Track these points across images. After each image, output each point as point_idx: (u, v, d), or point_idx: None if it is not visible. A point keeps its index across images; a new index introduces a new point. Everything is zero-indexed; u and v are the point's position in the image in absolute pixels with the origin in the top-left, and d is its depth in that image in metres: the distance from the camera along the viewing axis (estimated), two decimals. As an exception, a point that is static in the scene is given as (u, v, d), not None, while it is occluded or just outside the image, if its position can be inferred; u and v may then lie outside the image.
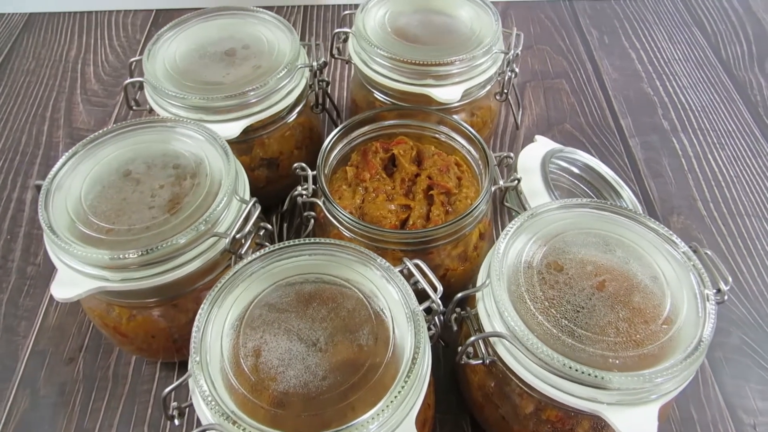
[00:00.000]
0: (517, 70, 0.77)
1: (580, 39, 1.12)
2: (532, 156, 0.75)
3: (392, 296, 0.51)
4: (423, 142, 0.74)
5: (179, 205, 0.57)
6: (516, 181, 0.66)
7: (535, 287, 0.51)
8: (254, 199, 0.59)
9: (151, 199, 0.57)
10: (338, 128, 0.69)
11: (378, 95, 0.78)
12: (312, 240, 0.54)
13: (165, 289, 0.56)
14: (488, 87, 0.78)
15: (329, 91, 0.79)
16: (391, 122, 0.73)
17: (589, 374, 0.45)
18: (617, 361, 0.47)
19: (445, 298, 0.53)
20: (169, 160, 0.61)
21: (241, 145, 0.73)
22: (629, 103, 0.99)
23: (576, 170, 0.80)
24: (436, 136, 0.73)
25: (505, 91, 0.80)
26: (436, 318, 0.53)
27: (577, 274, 0.52)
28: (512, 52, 0.76)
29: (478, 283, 0.54)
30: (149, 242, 0.53)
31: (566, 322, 0.49)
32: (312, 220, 0.67)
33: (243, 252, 0.58)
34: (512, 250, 0.54)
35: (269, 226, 0.60)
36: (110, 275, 0.54)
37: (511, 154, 0.68)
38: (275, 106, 0.70)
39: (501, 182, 0.66)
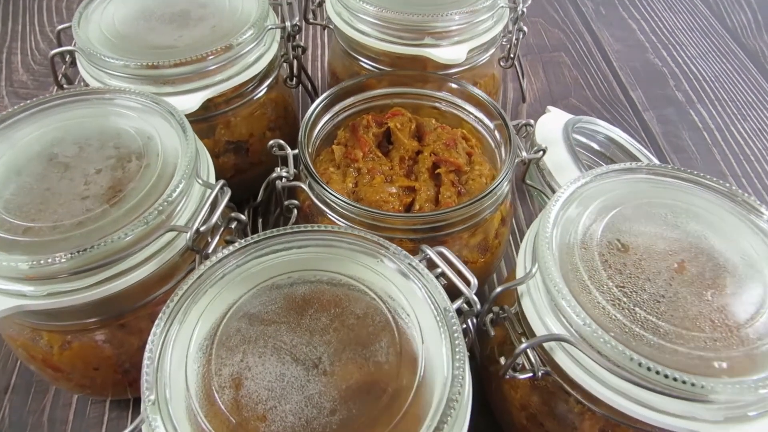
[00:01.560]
0: (525, 28, 0.66)
1: (575, 10, 1.02)
2: (551, 126, 0.63)
3: (415, 295, 0.38)
4: (420, 114, 0.62)
5: (122, 192, 0.43)
6: (541, 152, 0.55)
7: (599, 272, 0.39)
8: (221, 182, 0.46)
9: (84, 187, 0.44)
10: (323, 96, 0.57)
11: (364, 63, 0.66)
12: (301, 228, 0.41)
13: (108, 304, 0.43)
14: (492, 50, 0.67)
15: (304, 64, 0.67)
16: (383, 91, 0.61)
17: (692, 384, 0.33)
18: (723, 364, 0.35)
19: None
20: (108, 139, 0.47)
21: (201, 125, 0.59)
22: (637, 75, 0.89)
23: (596, 145, 0.70)
24: (437, 105, 0.61)
25: (512, 55, 0.69)
26: (468, 321, 0.41)
27: (648, 255, 0.40)
28: (520, 7, 0.65)
29: (519, 273, 0.42)
30: (82, 241, 0.40)
31: (645, 314, 0.37)
32: (295, 210, 0.54)
33: (210, 251, 0.45)
34: (560, 228, 0.42)
35: (242, 217, 0.47)
36: (31, 289, 0.40)
37: (531, 121, 0.57)
38: (241, 74, 0.57)
39: (524, 154, 0.54)
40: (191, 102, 0.54)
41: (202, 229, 0.43)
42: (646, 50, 0.94)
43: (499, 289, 0.40)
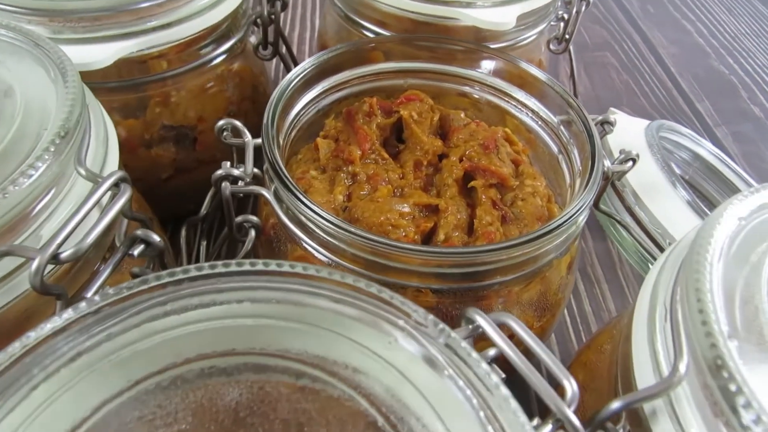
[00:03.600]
0: (591, -2, 0.49)
1: (617, 6, 0.85)
2: (627, 130, 0.45)
3: (460, 410, 0.19)
4: (443, 103, 0.44)
5: (-76, 180, 0.24)
6: (630, 162, 0.36)
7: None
8: (117, 173, 0.26)
9: None
10: (306, 62, 0.38)
11: (369, 32, 0.47)
12: (247, 266, 0.22)
13: None
14: (541, 26, 0.49)
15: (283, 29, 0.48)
16: (392, 65, 0.43)
17: None
18: None
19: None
20: (-66, 92, 0.28)
21: (126, 95, 0.41)
22: (702, 84, 0.72)
23: (672, 164, 0.51)
24: (467, 90, 0.43)
25: (567, 35, 0.51)
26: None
27: None
28: (586, -35, 0.47)
29: (642, 373, 0.23)
30: None
31: None
32: (252, 232, 0.35)
33: (91, 294, 0.25)
34: (722, 291, 0.23)
35: (154, 237, 0.28)
36: None
37: (612, 117, 0.39)
38: (188, 23, 0.39)
39: (607, 163, 0.35)
40: (101, 53, 0.35)
41: (64, 255, 0.23)
42: (707, 56, 0.77)
43: (616, 406, 0.21)
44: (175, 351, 0.20)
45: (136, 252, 0.28)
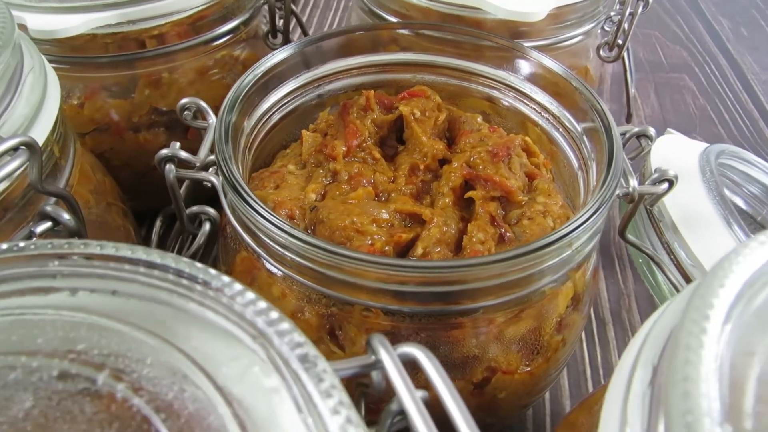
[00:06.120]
0: (650, -3, 0.42)
1: (705, 27, 0.76)
2: (674, 152, 0.38)
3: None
4: (462, 105, 0.38)
5: None
6: (666, 184, 0.30)
7: None
8: (21, 137, 0.23)
9: None
10: (301, 41, 0.34)
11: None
12: (98, 249, 0.17)
13: None
14: (588, 26, 0.43)
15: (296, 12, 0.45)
16: (403, 57, 0.38)
17: None
18: None
19: None
20: None
21: (116, 73, 0.38)
22: (796, 117, 0.62)
23: (738, 200, 0.43)
24: (494, 93, 0.37)
25: (619, 40, 0.44)
26: None
27: None
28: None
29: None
30: None
31: None
32: (207, 225, 0.31)
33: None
34: (729, 356, 0.16)
35: (65, 216, 0.24)
36: None
37: (652, 131, 0.32)
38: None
39: (633, 182, 0.29)
40: (68, 21, 0.32)
41: None
42: (809, 88, 0.67)
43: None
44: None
45: (38, 229, 0.24)
